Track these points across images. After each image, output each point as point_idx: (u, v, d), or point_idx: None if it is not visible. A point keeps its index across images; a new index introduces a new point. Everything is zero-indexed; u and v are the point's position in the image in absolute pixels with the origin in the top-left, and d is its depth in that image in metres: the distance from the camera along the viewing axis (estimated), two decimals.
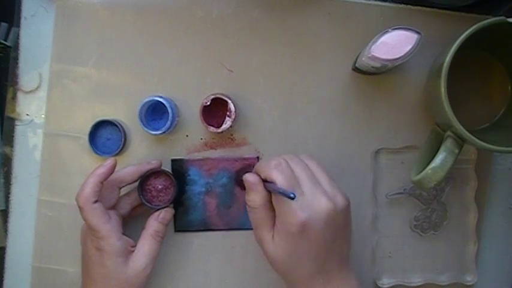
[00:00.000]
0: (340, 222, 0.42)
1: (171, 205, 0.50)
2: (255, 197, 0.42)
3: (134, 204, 0.49)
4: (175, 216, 0.51)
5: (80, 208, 0.44)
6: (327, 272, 0.42)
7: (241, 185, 0.49)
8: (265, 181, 0.42)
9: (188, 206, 0.51)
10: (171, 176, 0.49)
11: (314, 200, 0.40)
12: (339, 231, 0.42)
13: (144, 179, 0.49)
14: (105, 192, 0.46)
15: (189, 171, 0.51)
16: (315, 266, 0.41)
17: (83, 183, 0.45)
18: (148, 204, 0.49)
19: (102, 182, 0.45)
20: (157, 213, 0.48)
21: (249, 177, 0.43)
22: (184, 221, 0.51)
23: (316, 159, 0.45)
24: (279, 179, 0.40)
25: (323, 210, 0.40)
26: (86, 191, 0.44)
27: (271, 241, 0.41)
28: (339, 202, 0.41)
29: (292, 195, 0.38)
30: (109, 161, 0.46)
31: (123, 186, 0.48)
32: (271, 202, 0.42)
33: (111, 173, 0.46)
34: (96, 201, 0.44)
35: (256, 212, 0.42)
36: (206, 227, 0.52)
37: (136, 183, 0.49)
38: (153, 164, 0.49)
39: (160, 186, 0.49)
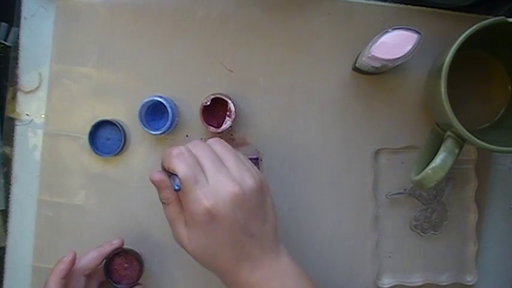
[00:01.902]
0: (253, 203, 0.39)
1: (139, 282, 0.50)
2: (165, 193, 0.41)
3: (100, 281, 0.49)
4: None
5: None
6: (252, 257, 0.40)
7: None
8: (170, 173, 0.40)
9: None
10: (135, 253, 0.49)
11: (218, 186, 0.38)
12: (252, 212, 0.39)
13: (109, 260, 0.48)
14: (71, 282, 0.46)
15: None
16: (235, 253, 0.39)
17: (45, 281, 0.44)
18: (117, 286, 0.48)
19: (64, 278, 0.44)
20: None
21: (154, 177, 0.41)
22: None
23: (223, 142, 0.42)
24: (180, 169, 0.38)
25: (227, 194, 0.38)
26: None
27: (186, 236, 0.40)
28: (247, 183, 0.39)
29: (176, 187, 0.38)
30: (68, 256, 0.45)
31: (88, 273, 0.47)
32: None
33: (72, 267, 0.45)
34: None
35: (169, 207, 0.41)
36: None
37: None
38: (114, 244, 0.48)
39: (126, 265, 0.49)
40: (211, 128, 0.49)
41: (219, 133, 0.49)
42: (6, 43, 0.51)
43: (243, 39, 0.51)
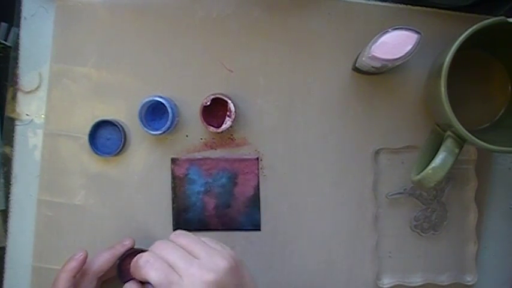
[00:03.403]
0: (231, 284, 0.39)
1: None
2: None
3: (106, 278, 0.49)
4: (173, 216, 0.51)
5: None
6: None
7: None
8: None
9: (187, 205, 0.51)
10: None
11: (193, 280, 0.38)
12: None
13: (121, 260, 0.48)
14: (83, 283, 0.46)
15: (189, 170, 0.51)
16: None
17: (55, 278, 0.44)
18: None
19: (74, 276, 0.44)
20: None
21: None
22: (182, 220, 0.51)
23: (186, 233, 0.42)
24: (151, 276, 0.39)
25: (205, 285, 0.38)
26: (59, 287, 0.43)
27: None
28: (220, 267, 0.39)
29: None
30: (79, 254, 0.45)
31: (102, 275, 0.47)
32: None
33: (83, 266, 0.45)
34: None
35: None
36: (204, 227, 0.52)
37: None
38: (126, 245, 0.48)
39: None
40: (211, 128, 0.49)
41: (219, 133, 0.50)
42: (6, 43, 0.51)
43: (243, 39, 0.51)
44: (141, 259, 0.40)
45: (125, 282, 0.48)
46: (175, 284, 0.38)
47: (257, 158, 0.51)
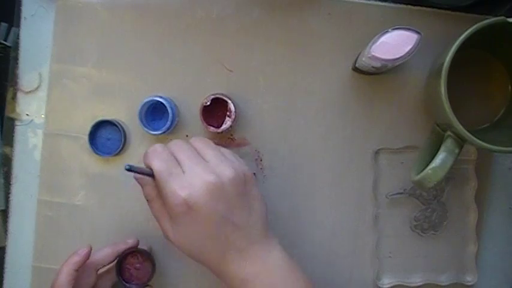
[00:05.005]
0: (233, 193, 0.39)
1: (149, 283, 0.50)
2: (147, 189, 0.41)
3: (114, 281, 0.49)
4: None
5: None
6: (238, 249, 0.39)
7: None
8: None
9: None
10: (149, 255, 0.49)
11: (193, 176, 0.38)
12: (234, 203, 0.39)
13: (122, 258, 0.48)
14: (83, 276, 0.45)
15: None
16: (218, 244, 0.39)
17: (58, 270, 0.44)
18: (127, 285, 0.48)
19: (77, 270, 0.44)
20: None
21: (135, 175, 0.42)
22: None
23: (205, 140, 0.43)
24: (154, 163, 0.39)
25: (204, 184, 0.38)
26: (61, 279, 0.43)
27: (171, 230, 0.40)
28: (225, 173, 0.39)
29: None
30: (84, 249, 0.45)
31: (100, 269, 0.47)
32: None
33: (86, 261, 0.45)
34: None
35: (152, 204, 0.41)
36: None
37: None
38: (129, 244, 0.48)
39: (138, 265, 0.49)
40: (211, 128, 0.49)
41: (219, 133, 0.50)
42: (6, 43, 0.51)
43: (243, 39, 0.51)
44: (151, 148, 0.41)
45: (123, 280, 0.48)
46: (175, 175, 0.39)
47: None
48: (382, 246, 0.52)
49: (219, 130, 0.48)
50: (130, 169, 0.39)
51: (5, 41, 0.51)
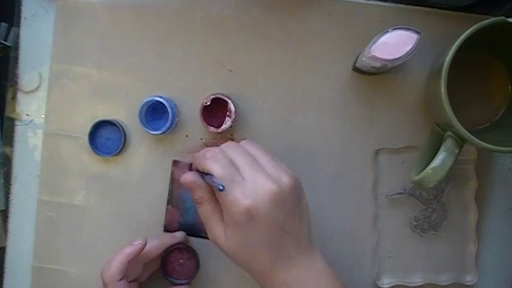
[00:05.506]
0: (290, 202, 0.39)
1: (191, 282, 0.50)
2: (199, 193, 0.41)
3: (152, 271, 0.50)
4: (166, 214, 0.51)
5: (104, 284, 0.44)
6: (288, 257, 0.40)
7: None
8: (204, 173, 0.40)
9: (180, 209, 0.51)
10: (195, 253, 0.50)
11: (256, 184, 0.38)
12: (290, 211, 0.39)
13: (168, 252, 0.49)
14: (131, 267, 0.46)
15: None
16: (271, 252, 0.39)
17: (110, 259, 0.45)
18: (169, 278, 0.49)
19: (129, 261, 0.44)
20: None
21: (185, 178, 0.41)
22: (173, 222, 0.51)
23: (257, 143, 0.43)
24: (215, 170, 0.39)
25: (267, 193, 0.38)
26: (113, 269, 0.44)
27: (223, 235, 0.39)
28: (284, 181, 0.39)
29: (220, 187, 0.37)
30: (139, 241, 0.45)
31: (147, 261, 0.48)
32: None
33: (139, 253, 0.45)
34: (121, 279, 0.44)
35: (204, 206, 0.41)
36: (194, 233, 0.51)
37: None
38: (177, 238, 0.49)
39: (182, 261, 0.50)
40: (211, 128, 0.49)
41: (219, 133, 0.50)
42: (6, 43, 0.51)
43: (243, 39, 0.51)
44: (210, 152, 0.40)
45: (167, 275, 0.49)
46: (237, 183, 0.38)
47: None
48: (382, 246, 0.52)
49: (219, 130, 0.48)
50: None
51: (5, 41, 0.51)
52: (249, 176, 0.39)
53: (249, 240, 0.39)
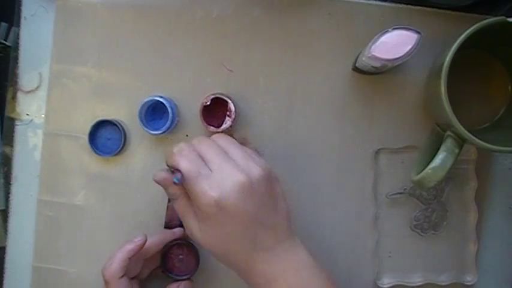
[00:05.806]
0: (262, 192, 0.39)
1: (192, 277, 0.50)
2: (171, 189, 0.41)
3: (152, 268, 0.50)
4: (167, 211, 0.51)
5: (106, 282, 0.44)
6: (266, 249, 0.39)
7: None
8: (175, 169, 0.40)
9: None
10: (194, 248, 0.50)
11: (223, 176, 0.38)
12: (262, 202, 0.39)
13: (167, 248, 0.49)
14: (131, 263, 0.46)
15: None
16: (247, 244, 0.39)
17: (110, 257, 0.45)
18: (169, 274, 0.49)
19: (130, 258, 0.44)
20: (175, 284, 0.48)
21: (156, 177, 0.41)
22: (174, 219, 0.51)
23: (228, 137, 0.43)
24: (182, 164, 0.38)
25: (234, 184, 0.37)
26: (114, 266, 0.44)
27: (198, 229, 0.39)
28: (253, 172, 0.39)
29: (175, 180, 0.37)
30: (139, 238, 0.45)
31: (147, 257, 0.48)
32: None
33: (140, 250, 0.45)
34: (122, 276, 0.44)
35: (178, 202, 0.41)
36: None
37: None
38: (177, 234, 0.49)
39: (181, 256, 0.50)
40: (211, 128, 0.49)
41: (219, 133, 0.49)
42: (6, 43, 0.51)
43: (243, 39, 0.51)
44: (176, 147, 0.40)
45: (167, 272, 0.49)
46: (204, 176, 0.38)
47: None
48: (382, 246, 0.52)
49: (219, 130, 0.48)
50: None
51: (5, 40, 0.51)
52: (217, 168, 0.38)
53: (222, 233, 0.38)
